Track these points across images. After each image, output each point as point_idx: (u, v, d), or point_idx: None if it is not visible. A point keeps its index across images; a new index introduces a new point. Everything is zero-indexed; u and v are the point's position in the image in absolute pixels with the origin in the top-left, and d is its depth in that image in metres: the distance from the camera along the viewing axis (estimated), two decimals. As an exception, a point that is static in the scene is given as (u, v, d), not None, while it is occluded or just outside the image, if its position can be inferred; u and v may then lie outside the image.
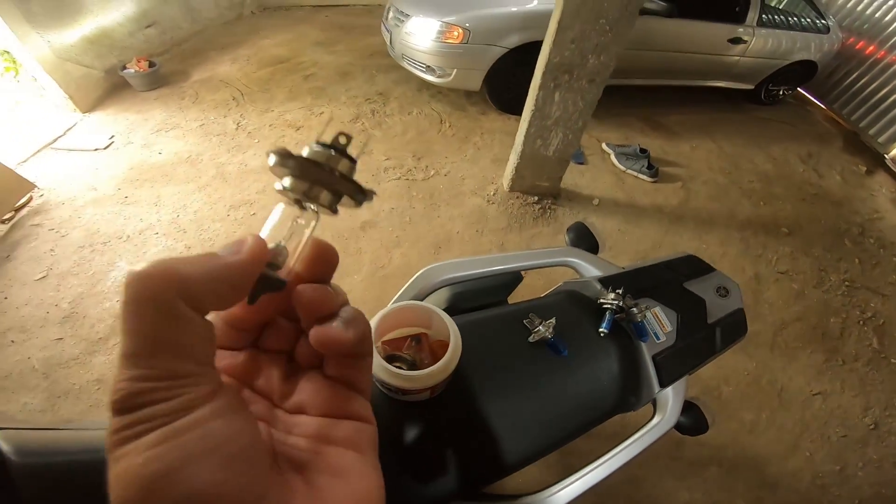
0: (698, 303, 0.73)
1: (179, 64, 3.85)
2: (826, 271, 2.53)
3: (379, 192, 2.45)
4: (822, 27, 4.10)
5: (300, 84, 3.51)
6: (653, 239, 2.48)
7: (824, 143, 3.96)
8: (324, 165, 0.24)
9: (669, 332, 0.68)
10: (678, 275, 0.77)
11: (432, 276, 0.70)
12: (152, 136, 2.86)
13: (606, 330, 0.63)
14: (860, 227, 2.93)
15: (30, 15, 2.95)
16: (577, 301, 0.69)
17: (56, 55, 3.12)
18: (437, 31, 2.90)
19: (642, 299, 0.69)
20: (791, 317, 2.24)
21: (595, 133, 3.28)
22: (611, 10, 1.77)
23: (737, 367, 1.97)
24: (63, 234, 2.19)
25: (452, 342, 0.48)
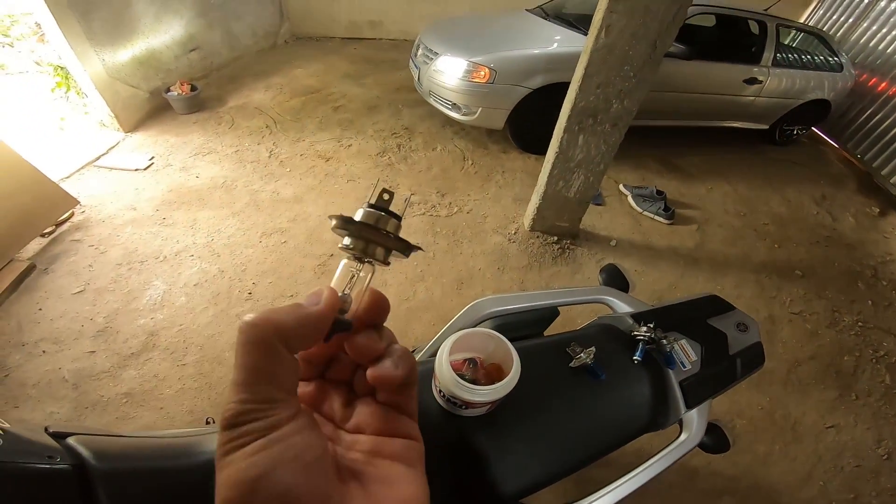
0: (720, 336, 0.83)
1: (217, 89, 4.11)
2: (839, 312, 2.60)
3: (403, 227, 2.55)
4: (835, 65, 4.20)
5: (330, 115, 3.73)
6: (669, 280, 2.57)
7: (838, 184, 4.06)
8: (376, 226, 0.30)
9: (695, 362, 0.78)
10: (702, 312, 0.87)
11: (481, 308, 0.81)
12: (190, 160, 3.04)
13: (640, 358, 0.73)
14: (873, 270, 3.00)
15: (91, 33, 3.18)
16: (612, 333, 0.79)
17: (108, 74, 3.34)
18: (464, 69, 3.07)
19: (670, 333, 0.79)
20: (804, 355, 2.31)
21: (613, 174, 3.41)
22: (636, 58, 1.92)
23: (750, 402, 2.04)
24: (102, 251, 2.32)
25: (515, 364, 0.58)
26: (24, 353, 1.83)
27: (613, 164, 3.42)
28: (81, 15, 3.08)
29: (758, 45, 3.77)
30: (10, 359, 1.82)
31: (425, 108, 3.75)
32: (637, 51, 1.90)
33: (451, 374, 0.57)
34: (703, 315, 0.86)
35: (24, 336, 1.90)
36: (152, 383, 1.76)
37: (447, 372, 0.58)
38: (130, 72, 3.55)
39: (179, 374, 1.80)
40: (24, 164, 2.37)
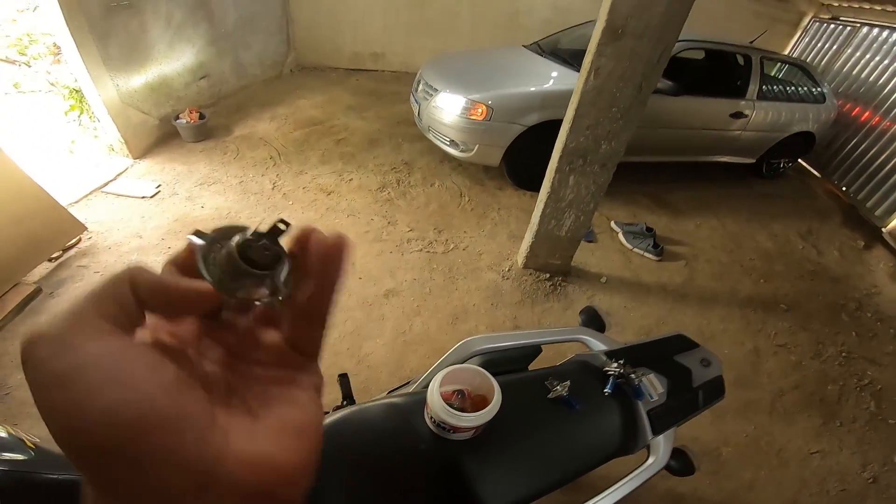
0: (685, 371, 0.95)
1: (224, 118, 4.30)
2: (823, 344, 2.71)
3: (402, 263, 2.71)
4: (818, 96, 4.34)
5: (332, 148, 3.91)
6: (657, 316, 2.68)
7: (824, 218, 4.22)
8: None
9: (661, 393, 0.89)
10: (669, 349, 0.99)
11: (471, 346, 0.94)
12: (196, 190, 3.19)
13: (610, 391, 0.85)
14: (857, 302, 3.12)
15: (107, 57, 3.34)
16: (586, 369, 0.91)
17: (121, 100, 3.49)
18: (462, 107, 3.21)
19: (640, 368, 0.91)
20: (789, 385, 2.41)
21: (605, 211, 3.56)
22: (623, 99, 2.07)
23: (736, 430, 2.13)
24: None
25: (495, 395, 0.70)
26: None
27: (605, 202, 3.57)
28: (100, 39, 3.25)
29: (743, 78, 3.93)
30: (12, 378, 1.90)
31: (425, 143, 3.90)
32: (624, 93, 2.05)
33: (440, 402, 0.69)
34: (670, 352, 0.98)
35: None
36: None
37: (437, 401, 0.69)
38: (142, 98, 3.72)
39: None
40: (38, 189, 2.48)
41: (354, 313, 2.35)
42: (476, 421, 0.68)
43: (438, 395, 0.70)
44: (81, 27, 3.09)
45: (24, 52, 4.09)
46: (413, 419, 0.73)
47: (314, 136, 4.07)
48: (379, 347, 2.19)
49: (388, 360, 2.13)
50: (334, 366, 2.06)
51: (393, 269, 2.67)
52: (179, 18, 4.12)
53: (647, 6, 1.82)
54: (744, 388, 2.35)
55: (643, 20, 1.86)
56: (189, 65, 4.33)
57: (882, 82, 4.45)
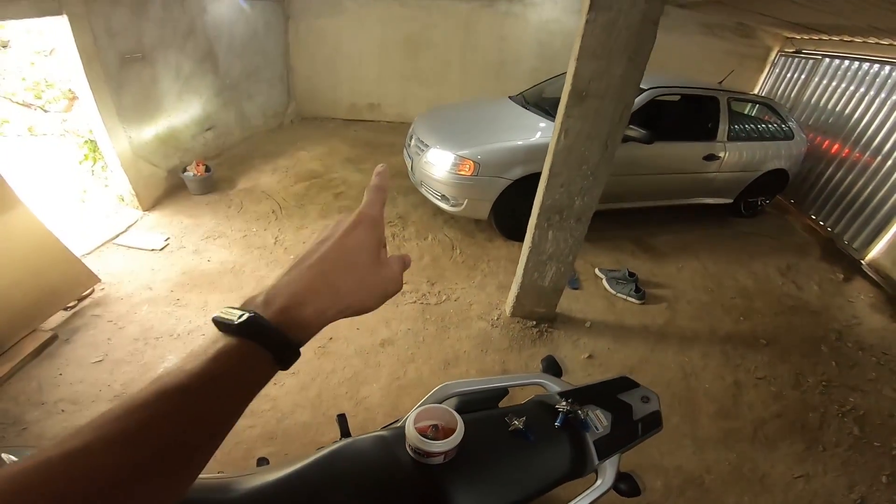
0: (626, 407, 1.16)
1: (229, 170, 4.62)
2: (803, 374, 2.85)
3: (397, 315, 2.93)
4: (787, 132, 4.52)
5: (331, 202, 4.20)
6: (640, 356, 2.86)
7: (803, 253, 4.40)
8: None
9: (606, 426, 1.10)
10: (614, 389, 1.21)
11: (446, 389, 1.16)
12: (202, 243, 3.45)
13: (559, 424, 1.06)
14: (837, 333, 3.27)
15: (121, 108, 3.60)
16: (542, 407, 1.12)
17: (133, 151, 3.75)
18: (451, 163, 3.43)
19: (587, 405, 1.12)
20: (770, 415, 2.55)
21: (589, 257, 3.78)
22: (591, 157, 2.28)
23: (718, 458, 2.26)
24: (120, 326, 2.65)
25: (458, 427, 0.92)
26: (44, 410, 2.10)
27: (589, 248, 3.82)
28: (115, 90, 3.52)
29: (713, 120, 4.10)
30: (28, 415, 2.07)
31: (418, 195, 4.14)
32: (592, 150, 2.26)
33: (414, 432, 0.90)
34: (615, 391, 1.20)
35: (43, 396, 2.17)
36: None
37: (412, 431, 0.91)
38: (152, 150, 3.98)
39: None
40: (56, 242, 2.73)
41: (352, 360, 2.55)
42: (444, 447, 0.89)
43: (413, 428, 0.92)
44: (98, 77, 3.35)
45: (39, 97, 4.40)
46: (396, 449, 0.94)
47: (314, 190, 4.37)
48: (375, 391, 2.39)
49: (384, 403, 2.32)
50: (334, 407, 2.26)
51: (388, 319, 2.88)
52: (188, 70, 4.47)
53: (606, 69, 2.05)
54: (726, 418, 2.49)
55: (604, 82, 2.07)
56: (196, 116, 4.65)
57: (847, 113, 4.69)
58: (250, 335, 0.38)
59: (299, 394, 2.33)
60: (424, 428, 0.93)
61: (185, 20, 4.38)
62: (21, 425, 2.02)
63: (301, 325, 0.42)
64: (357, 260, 0.46)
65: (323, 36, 6.42)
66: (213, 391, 0.36)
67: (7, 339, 2.38)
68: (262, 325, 0.39)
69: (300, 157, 5.10)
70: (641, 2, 1.91)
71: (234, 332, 0.38)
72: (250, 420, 2.17)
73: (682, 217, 4.65)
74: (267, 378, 0.40)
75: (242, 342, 0.38)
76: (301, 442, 2.09)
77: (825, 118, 5.06)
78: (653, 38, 2.02)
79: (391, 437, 0.97)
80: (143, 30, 3.82)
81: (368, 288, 0.47)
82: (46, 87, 4.43)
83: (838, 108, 4.87)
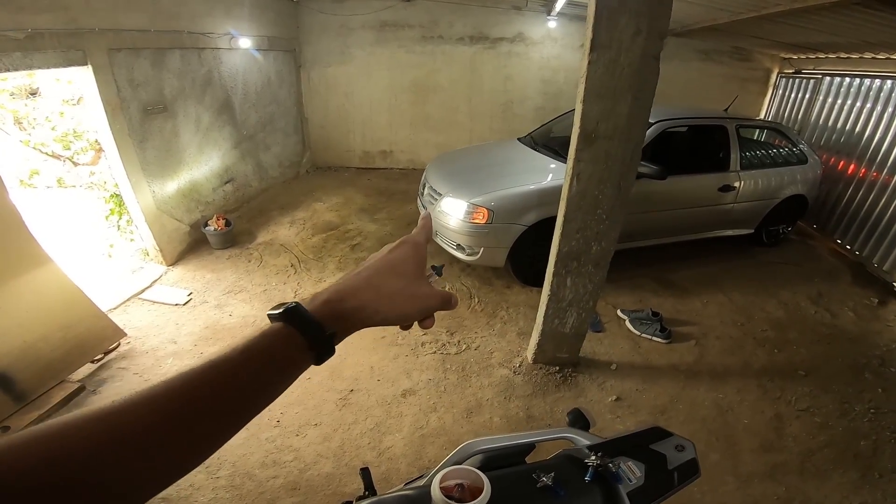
0: (660, 456, 1.19)
1: (248, 223, 4.82)
2: (849, 403, 2.80)
3: (417, 365, 3.00)
4: (800, 156, 4.48)
5: (348, 254, 4.34)
6: (670, 395, 2.84)
7: (832, 279, 4.31)
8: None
9: (639, 477, 1.13)
10: (646, 439, 1.24)
11: (471, 447, 1.21)
12: (224, 298, 3.59)
13: (589, 478, 1.09)
14: (880, 359, 3.20)
15: (145, 162, 3.77)
16: (571, 461, 1.16)
17: (157, 206, 3.92)
18: (465, 211, 3.47)
19: (618, 457, 1.15)
20: (818, 445, 2.50)
21: (611, 299, 3.78)
22: (605, 200, 2.31)
23: (765, 493, 2.22)
24: (146, 379, 2.77)
25: (486, 487, 0.96)
26: None
27: (610, 290, 3.84)
28: (138, 143, 3.71)
29: (725, 149, 4.09)
30: None
31: (433, 245, 4.11)
32: (605, 193, 2.29)
33: (440, 495, 0.94)
34: (647, 441, 1.23)
35: None
36: (188, 491, 2.10)
37: (437, 494, 0.94)
38: (175, 204, 4.17)
39: (213, 486, 2.14)
40: (85, 299, 2.92)
41: (374, 411, 2.61)
42: None
43: (438, 489, 0.96)
44: (123, 129, 3.54)
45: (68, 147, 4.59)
46: (423, 512, 0.99)
47: (331, 242, 4.54)
48: (398, 441, 2.43)
49: (407, 453, 2.35)
50: (357, 458, 2.30)
51: (409, 370, 2.94)
52: (207, 122, 4.70)
53: (612, 109, 2.08)
54: (769, 452, 2.45)
55: (611, 122, 2.11)
56: (216, 169, 4.86)
57: (858, 130, 4.65)
58: (289, 319, 0.46)
59: (322, 444, 2.38)
60: (450, 488, 0.98)
61: (203, 71, 4.60)
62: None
63: (340, 316, 0.49)
64: (401, 269, 0.53)
65: (334, 84, 6.78)
66: (251, 363, 0.43)
67: (36, 389, 2.52)
68: (300, 312, 0.46)
69: (316, 208, 5.30)
70: (640, 39, 1.97)
71: (276, 319, 0.47)
72: (273, 471, 2.23)
73: (702, 250, 4.60)
74: (300, 362, 0.47)
75: (282, 326, 0.46)
76: (324, 493, 2.13)
77: (836, 138, 5.03)
78: (656, 74, 2.08)
79: (416, 496, 1.01)
80: (163, 81, 4.04)
81: (409, 295, 0.53)
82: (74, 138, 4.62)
83: (847, 126, 4.84)
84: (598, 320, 3.50)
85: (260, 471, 2.22)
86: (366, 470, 1.40)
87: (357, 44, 6.54)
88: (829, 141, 5.14)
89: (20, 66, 2.85)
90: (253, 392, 0.44)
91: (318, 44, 6.56)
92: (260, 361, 0.44)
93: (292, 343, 0.46)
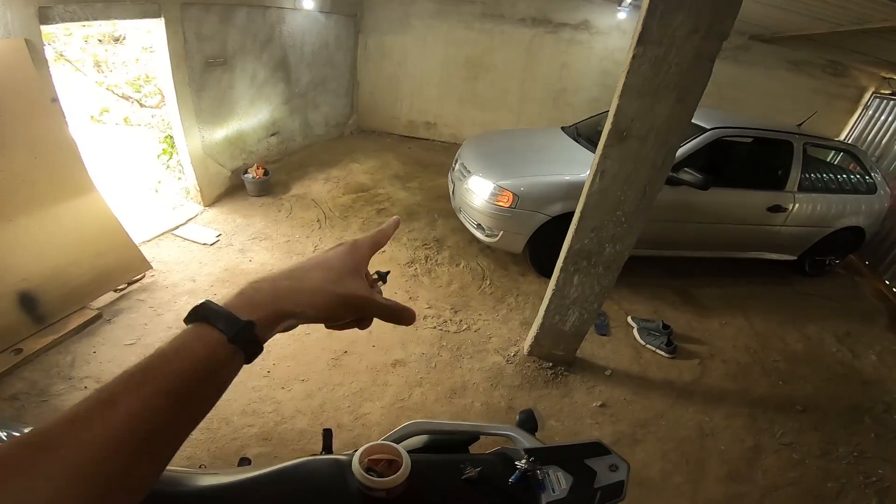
0: (591, 472, 1.18)
1: (285, 175, 4.95)
2: (835, 444, 2.70)
3: (414, 337, 3.02)
4: (869, 185, 4.14)
5: (373, 217, 4.40)
6: (657, 410, 2.76)
7: (867, 320, 4.04)
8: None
9: (563, 489, 1.12)
10: (582, 453, 1.22)
11: (416, 426, 1.23)
12: (249, 243, 3.73)
13: (513, 481, 1.10)
14: (886, 405, 3.04)
15: (199, 109, 3.96)
16: (503, 459, 1.16)
17: (204, 150, 4.12)
18: (490, 192, 3.43)
19: (550, 465, 1.15)
20: (784, 482, 2.44)
21: (626, 304, 3.66)
22: (627, 203, 2.20)
23: None
24: (159, 313, 2.92)
25: (403, 468, 0.98)
26: (69, 385, 2.34)
27: (627, 295, 3.74)
28: (196, 91, 3.89)
29: (784, 167, 3.81)
30: (54, 387, 2.31)
31: (458, 220, 4.17)
32: (629, 196, 2.18)
33: (358, 467, 0.96)
34: (583, 455, 1.22)
35: (73, 371, 2.42)
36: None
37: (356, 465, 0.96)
38: (221, 150, 4.36)
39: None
40: (119, 228, 3.06)
41: (362, 376, 2.67)
42: (384, 484, 0.95)
43: (358, 462, 0.97)
44: (183, 79, 3.73)
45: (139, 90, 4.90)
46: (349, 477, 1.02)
47: (359, 203, 4.60)
48: (377, 409, 2.48)
49: (382, 422, 2.41)
50: (333, 419, 2.37)
51: (405, 341, 2.97)
52: (262, 77, 4.84)
53: (650, 108, 1.96)
54: (734, 482, 2.39)
55: (647, 122, 1.99)
56: (264, 121, 5.03)
57: None
58: (198, 318, 0.43)
59: (303, 401, 2.46)
60: (378, 461, 1.00)
61: (266, 29, 4.73)
62: (43, 397, 2.25)
63: (257, 305, 0.46)
64: (327, 265, 0.53)
65: (389, 52, 6.75)
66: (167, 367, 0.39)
67: (58, 311, 2.68)
68: (207, 306, 0.44)
69: (352, 168, 5.37)
70: (697, 37, 1.81)
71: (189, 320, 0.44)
72: (251, 419, 2.32)
73: (736, 271, 4.36)
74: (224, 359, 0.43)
75: (194, 325, 0.43)
76: (293, 448, 2.21)
77: None
78: (706, 77, 1.92)
79: (347, 463, 1.04)
80: (227, 36, 4.18)
81: (331, 290, 0.51)
82: (145, 83, 4.90)
83: None
84: (605, 323, 3.42)
85: (238, 418, 2.31)
86: (328, 431, 1.45)
87: (417, 14, 6.44)
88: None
89: (100, 16, 3.04)
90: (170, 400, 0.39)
91: (379, 11, 6.52)
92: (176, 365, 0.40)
93: (206, 339, 0.42)
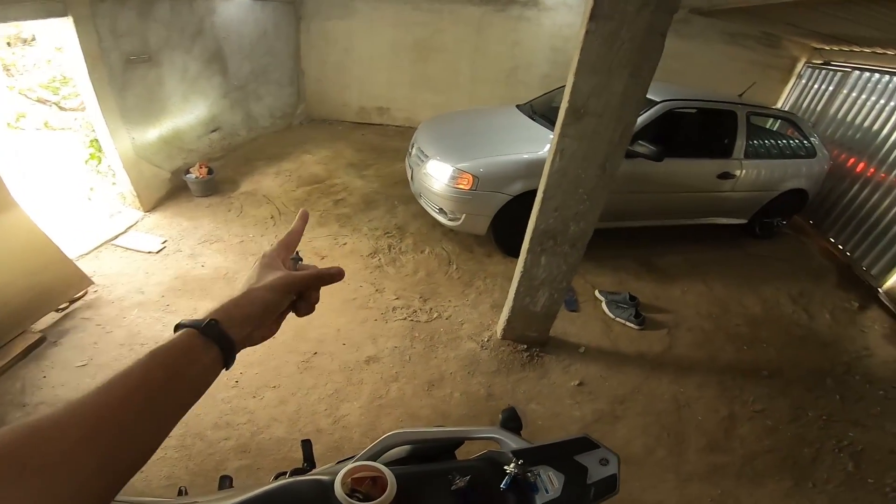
0: (582, 469, 1.14)
1: (232, 171, 4.67)
2: (803, 408, 2.78)
3: (385, 331, 2.92)
4: (808, 149, 4.35)
5: (330, 209, 4.21)
6: (633, 384, 2.80)
7: (818, 279, 4.22)
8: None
9: (557, 488, 1.08)
10: (571, 449, 1.18)
11: (397, 437, 1.14)
12: (199, 247, 3.50)
13: (504, 486, 1.04)
14: (846, 366, 3.16)
15: (124, 109, 3.67)
16: (491, 465, 1.11)
17: (136, 153, 3.82)
18: (449, 176, 3.38)
19: (540, 466, 1.10)
20: (762, 449, 2.50)
21: (591, 278, 3.70)
22: (587, 180, 2.21)
23: (700, 494, 2.22)
24: (108, 330, 2.70)
25: (388, 489, 0.90)
26: (24, 412, 2.17)
27: (592, 268, 3.75)
28: (118, 91, 3.59)
29: (730, 136, 3.96)
30: (9, 416, 2.14)
31: (418, 205, 4.10)
32: (588, 173, 2.19)
33: (342, 493, 0.89)
34: (572, 451, 1.17)
35: (25, 398, 2.24)
36: (135, 448, 2.09)
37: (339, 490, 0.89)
38: (155, 151, 4.05)
39: (163, 444, 2.09)
40: (51, 245, 2.81)
41: (335, 377, 2.56)
42: None
43: (340, 487, 0.90)
44: (102, 78, 3.43)
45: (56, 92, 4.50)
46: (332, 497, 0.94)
47: (314, 196, 4.40)
48: (355, 409, 2.39)
49: (362, 422, 2.32)
50: (311, 424, 2.27)
51: (376, 336, 2.87)
52: (195, 71, 4.52)
53: (605, 85, 1.96)
54: (714, 452, 2.44)
55: (603, 99, 1.99)
56: (202, 117, 4.71)
57: (876, 129, 4.44)
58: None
59: (277, 408, 2.34)
60: (361, 480, 0.92)
61: (194, 21, 4.43)
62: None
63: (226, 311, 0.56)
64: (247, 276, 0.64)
65: (334, 38, 6.46)
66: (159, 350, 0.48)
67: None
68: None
69: (304, 160, 5.13)
70: (648, 12, 1.79)
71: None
72: (225, 432, 2.19)
73: (692, 237, 4.48)
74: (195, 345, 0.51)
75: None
76: (273, 457, 2.11)
77: (852, 134, 4.82)
78: (659, 52, 1.91)
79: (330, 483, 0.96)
80: (149, 31, 3.88)
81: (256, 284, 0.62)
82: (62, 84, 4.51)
83: (866, 123, 4.63)
84: (574, 299, 3.44)
85: (212, 432, 2.19)
86: (307, 442, 1.36)
87: (361, -3, 6.20)
88: (844, 136, 4.94)
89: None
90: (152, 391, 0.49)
91: (320, -4, 6.22)
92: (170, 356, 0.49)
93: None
